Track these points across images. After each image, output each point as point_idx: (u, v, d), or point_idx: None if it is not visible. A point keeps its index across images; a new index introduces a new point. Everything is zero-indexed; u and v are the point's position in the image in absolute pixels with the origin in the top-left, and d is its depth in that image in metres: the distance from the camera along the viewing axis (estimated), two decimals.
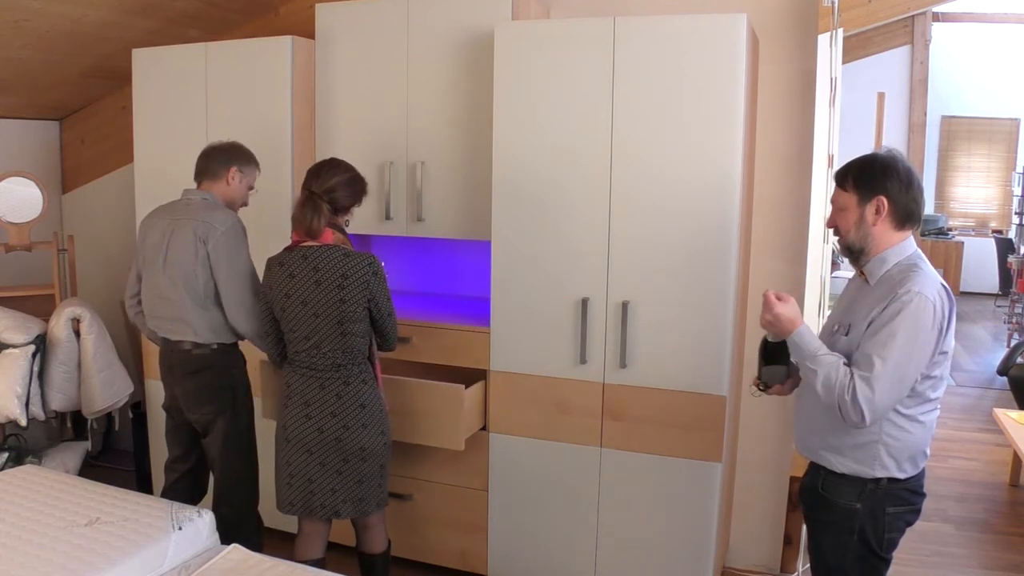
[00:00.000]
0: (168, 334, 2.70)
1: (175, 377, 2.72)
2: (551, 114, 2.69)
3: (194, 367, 2.66)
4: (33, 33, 3.20)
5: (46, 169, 4.22)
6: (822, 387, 1.85)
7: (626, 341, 2.67)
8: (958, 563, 3.33)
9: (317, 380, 2.44)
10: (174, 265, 2.60)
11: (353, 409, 2.44)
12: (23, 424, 3.39)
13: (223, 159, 2.70)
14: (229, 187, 2.70)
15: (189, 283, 2.59)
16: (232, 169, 2.69)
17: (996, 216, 9.73)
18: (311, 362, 2.44)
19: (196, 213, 2.60)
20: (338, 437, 2.43)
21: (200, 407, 2.70)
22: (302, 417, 2.45)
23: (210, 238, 2.56)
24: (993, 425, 4.57)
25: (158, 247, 2.64)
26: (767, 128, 2.96)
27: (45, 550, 2.21)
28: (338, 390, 2.44)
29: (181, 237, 2.59)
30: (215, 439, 2.71)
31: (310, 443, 2.44)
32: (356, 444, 2.44)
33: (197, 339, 2.64)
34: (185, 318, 2.63)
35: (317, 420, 2.44)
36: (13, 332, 3.43)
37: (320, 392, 2.44)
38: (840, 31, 3.02)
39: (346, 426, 2.43)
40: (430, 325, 3.00)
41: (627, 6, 3.00)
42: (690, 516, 2.68)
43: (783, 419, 3.06)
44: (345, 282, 2.37)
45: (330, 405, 2.44)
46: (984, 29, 9.14)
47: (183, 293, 2.60)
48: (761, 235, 3.02)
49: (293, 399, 2.48)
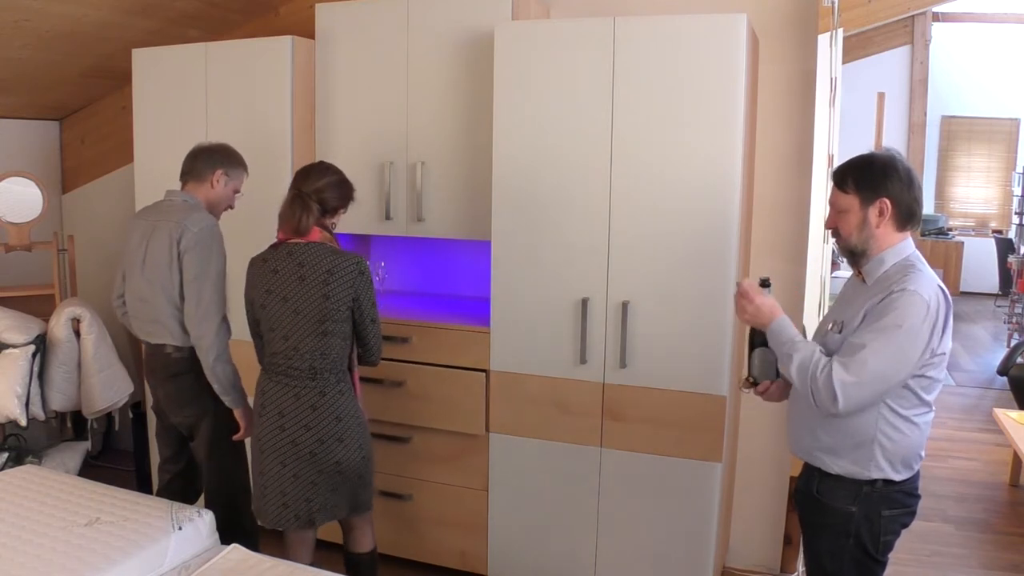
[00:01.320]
0: (148, 337, 2.68)
1: (158, 380, 2.71)
2: (551, 114, 2.69)
3: (174, 370, 2.65)
4: (33, 33, 3.20)
5: (46, 169, 4.22)
6: (797, 371, 1.85)
7: (626, 341, 2.67)
8: (958, 563, 3.33)
9: (292, 390, 2.38)
10: (151, 268, 2.59)
11: (328, 422, 2.37)
12: (23, 424, 3.39)
13: (209, 161, 2.67)
14: (213, 190, 2.67)
15: (165, 286, 2.58)
16: (218, 172, 2.66)
17: (996, 216, 9.73)
18: (287, 366, 2.38)
19: (174, 215, 2.57)
20: (312, 452, 2.36)
21: (181, 410, 2.69)
22: (276, 428, 2.39)
23: (183, 239, 2.53)
24: (993, 425, 4.57)
25: (138, 249, 2.63)
26: (767, 128, 2.96)
27: (45, 550, 2.21)
28: (313, 401, 2.37)
29: (158, 239, 2.58)
30: (201, 442, 2.70)
31: (284, 455, 2.38)
32: (331, 459, 2.38)
33: (175, 342, 2.62)
34: (163, 321, 2.61)
35: (291, 432, 2.37)
36: (13, 332, 3.43)
37: (295, 403, 2.38)
38: (840, 31, 3.02)
39: (320, 440, 2.36)
40: (430, 325, 3.00)
41: (627, 6, 3.01)
42: (690, 516, 2.68)
43: (783, 419, 3.05)
44: (330, 278, 2.33)
45: (304, 417, 2.37)
46: (984, 29, 9.14)
47: (160, 296, 2.59)
48: (761, 235, 3.02)
49: (268, 408, 2.41)
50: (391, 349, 3.04)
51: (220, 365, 2.56)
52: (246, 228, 3.03)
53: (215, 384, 2.57)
